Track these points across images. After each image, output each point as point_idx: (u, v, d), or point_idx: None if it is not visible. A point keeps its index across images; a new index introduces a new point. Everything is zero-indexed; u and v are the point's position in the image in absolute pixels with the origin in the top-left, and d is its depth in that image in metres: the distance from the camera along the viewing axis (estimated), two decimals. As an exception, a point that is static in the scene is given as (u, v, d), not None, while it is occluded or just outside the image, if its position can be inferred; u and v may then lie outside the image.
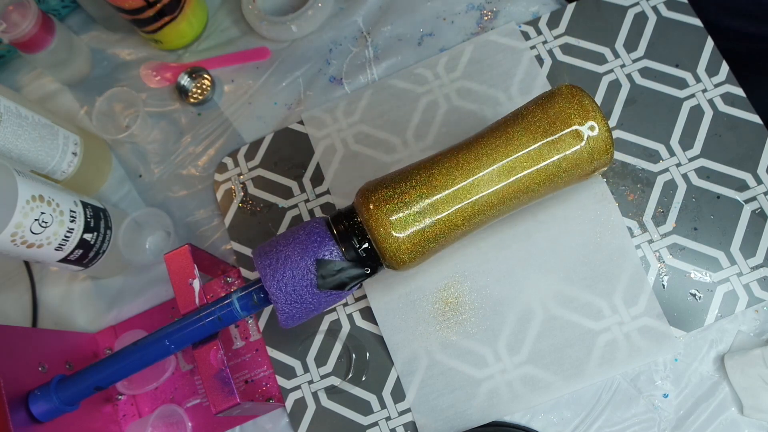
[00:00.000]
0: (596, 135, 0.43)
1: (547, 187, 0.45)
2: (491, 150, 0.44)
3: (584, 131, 0.43)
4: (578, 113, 0.43)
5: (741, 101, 0.56)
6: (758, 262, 0.52)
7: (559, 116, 0.43)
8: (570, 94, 0.44)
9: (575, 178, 0.45)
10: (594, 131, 0.43)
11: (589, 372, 0.51)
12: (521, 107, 0.46)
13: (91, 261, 0.55)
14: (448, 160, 0.44)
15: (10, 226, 0.45)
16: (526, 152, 0.43)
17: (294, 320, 0.44)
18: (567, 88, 0.45)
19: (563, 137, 0.43)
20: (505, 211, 0.45)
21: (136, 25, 0.62)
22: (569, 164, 0.44)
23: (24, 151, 0.53)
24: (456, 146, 0.46)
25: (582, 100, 0.43)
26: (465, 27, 0.63)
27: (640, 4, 0.60)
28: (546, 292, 0.53)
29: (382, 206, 0.42)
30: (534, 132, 0.43)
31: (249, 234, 0.59)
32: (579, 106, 0.43)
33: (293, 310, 0.43)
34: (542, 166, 0.44)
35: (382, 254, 0.43)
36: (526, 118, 0.44)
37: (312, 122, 0.61)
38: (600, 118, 0.43)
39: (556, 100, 0.44)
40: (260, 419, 0.55)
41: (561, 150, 0.43)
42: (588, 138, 0.43)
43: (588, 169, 0.45)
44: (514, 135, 0.44)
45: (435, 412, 0.52)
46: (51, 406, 0.44)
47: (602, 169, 0.46)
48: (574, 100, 0.44)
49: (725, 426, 0.50)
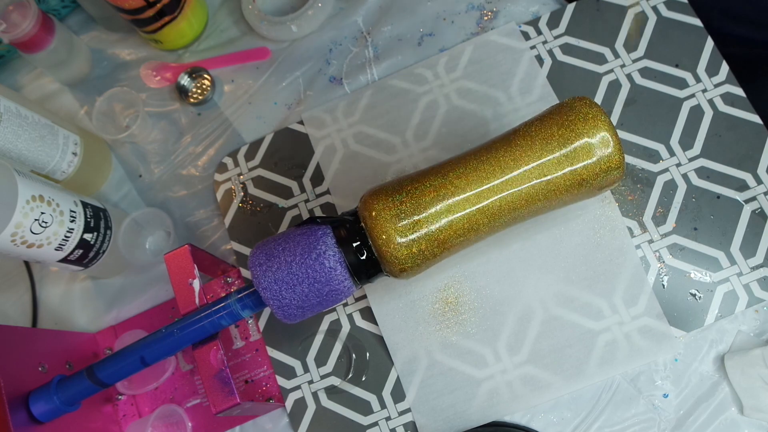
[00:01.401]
0: (608, 150, 0.42)
1: (553, 202, 0.44)
2: (498, 161, 0.43)
3: (595, 146, 0.42)
4: (590, 127, 0.42)
5: (741, 101, 0.56)
6: (758, 262, 0.52)
7: (570, 130, 0.42)
8: (583, 107, 0.43)
9: (583, 194, 0.44)
10: (607, 147, 0.42)
11: (589, 372, 0.51)
12: (530, 119, 0.45)
13: (91, 261, 0.55)
14: (455, 170, 0.43)
15: (10, 226, 0.45)
16: (533, 166, 0.42)
17: (292, 318, 0.44)
18: (580, 101, 0.43)
19: (573, 151, 0.42)
20: (507, 225, 0.45)
21: (136, 25, 0.62)
22: (577, 179, 0.43)
23: (24, 151, 0.53)
24: (463, 155, 0.45)
25: (596, 114, 0.42)
26: (465, 27, 0.63)
27: (640, 4, 0.60)
28: (546, 292, 0.53)
29: (385, 214, 0.42)
30: (542, 145, 0.43)
31: (249, 234, 0.59)
32: (592, 121, 0.42)
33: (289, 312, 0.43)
34: (549, 179, 0.43)
35: (383, 261, 0.43)
36: (534, 131, 0.43)
37: (312, 122, 0.61)
38: (612, 133, 0.42)
39: (569, 112, 0.43)
40: (260, 419, 0.55)
41: (569, 164, 0.42)
42: (599, 153, 0.42)
43: (597, 184, 0.43)
44: (521, 147, 0.43)
45: (435, 412, 0.52)
46: (51, 406, 0.44)
47: (612, 186, 0.44)
48: (587, 114, 0.42)
49: (725, 426, 0.50)
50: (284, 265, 0.42)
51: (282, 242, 0.43)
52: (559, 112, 0.44)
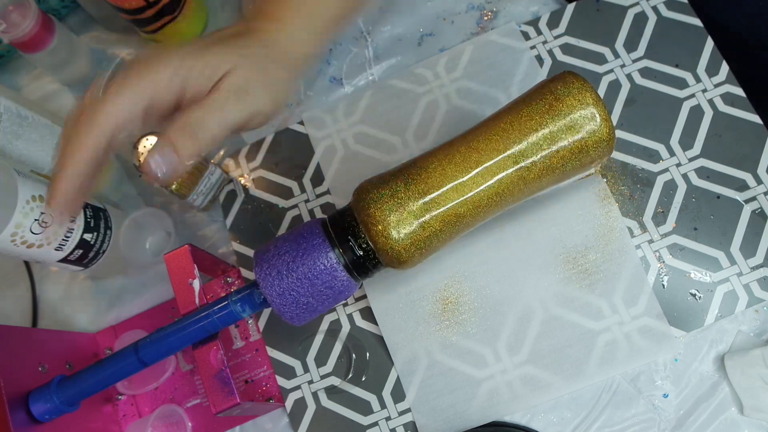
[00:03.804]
0: (597, 122, 0.42)
1: (547, 178, 0.44)
2: (489, 142, 0.43)
3: (584, 119, 0.42)
4: (578, 101, 0.42)
5: (741, 101, 0.56)
6: (758, 262, 0.52)
7: (559, 104, 0.42)
8: (569, 81, 0.43)
9: (577, 168, 0.44)
10: (595, 119, 0.42)
11: (589, 372, 0.51)
12: (518, 97, 0.45)
13: (91, 261, 0.55)
14: (445, 155, 0.43)
15: (10, 226, 0.45)
16: (525, 143, 0.42)
17: (299, 320, 0.44)
18: (566, 75, 0.43)
19: (563, 126, 0.42)
20: (505, 205, 0.44)
21: (136, 25, 0.62)
22: (569, 152, 0.42)
23: (24, 151, 0.53)
24: (452, 140, 0.44)
25: (582, 87, 0.42)
26: (465, 27, 0.63)
27: (640, 4, 0.60)
28: (546, 292, 0.53)
29: (378, 205, 0.42)
30: (532, 121, 0.42)
31: (249, 234, 0.59)
32: (578, 94, 0.42)
33: (294, 311, 0.43)
34: (542, 156, 0.42)
35: (381, 254, 0.43)
36: (523, 108, 0.43)
37: (312, 122, 0.61)
38: (600, 105, 0.42)
39: (555, 87, 0.43)
40: (260, 419, 0.55)
41: (561, 139, 0.42)
42: (588, 125, 0.42)
43: (589, 157, 0.43)
44: (511, 126, 0.43)
45: (435, 412, 0.52)
46: (51, 406, 0.44)
47: (604, 158, 0.44)
48: (573, 87, 0.42)
49: (725, 426, 0.50)
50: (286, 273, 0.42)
51: (281, 247, 0.43)
52: (545, 88, 0.43)
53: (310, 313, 0.43)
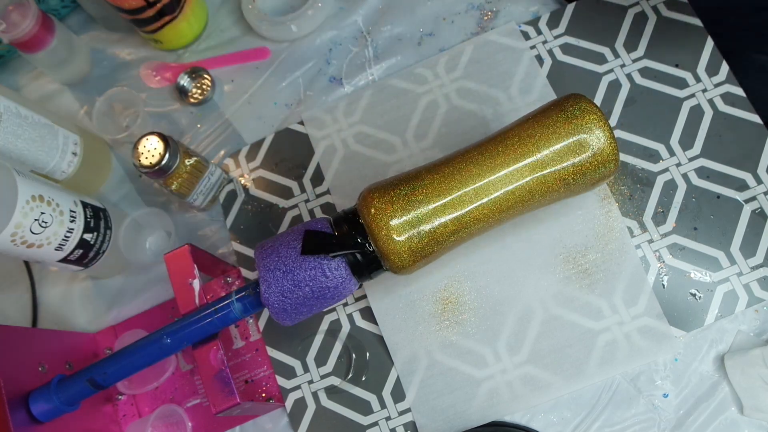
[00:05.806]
0: (602, 144, 0.43)
1: (549, 196, 0.45)
2: (494, 157, 0.44)
3: (590, 140, 0.43)
4: (584, 123, 0.43)
5: (741, 101, 0.56)
6: (758, 261, 0.52)
7: (565, 125, 0.43)
8: (576, 103, 0.44)
9: (580, 188, 0.45)
10: (600, 141, 0.43)
11: (589, 372, 0.51)
12: (526, 115, 0.46)
13: (91, 261, 0.55)
14: (452, 166, 0.44)
15: (10, 226, 0.45)
16: (530, 161, 0.43)
17: (291, 319, 0.44)
18: (573, 97, 0.44)
19: (568, 146, 0.43)
20: (505, 219, 0.45)
21: (136, 25, 0.62)
22: (573, 173, 0.44)
23: (24, 151, 0.53)
24: (460, 152, 0.46)
25: (588, 109, 0.43)
26: (465, 27, 0.63)
27: (640, 4, 0.60)
28: (546, 292, 0.53)
29: (384, 210, 0.42)
30: (538, 141, 0.43)
31: (249, 234, 0.59)
32: (585, 116, 0.43)
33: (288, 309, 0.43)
34: (545, 174, 0.43)
35: (383, 257, 0.43)
36: (530, 127, 0.44)
37: (312, 122, 0.61)
38: (606, 127, 0.43)
39: (562, 109, 0.44)
40: (260, 419, 0.55)
41: (565, 159, 0.43)
42: (593, 147, 0.43)
43: (593, 178, 0.44)
44: (518, 144, 0.44)
45: (435, 412, 0.52)
46: (51, 406, 0.44)
47: (607, 179, 0.45)
48: (579, 109, 0.43)
49: (725, 426, 0.50)
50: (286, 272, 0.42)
51: (282, 246, 0.43)
52: (552, 109, 0.44)
53: (307, 312, 0.44)
